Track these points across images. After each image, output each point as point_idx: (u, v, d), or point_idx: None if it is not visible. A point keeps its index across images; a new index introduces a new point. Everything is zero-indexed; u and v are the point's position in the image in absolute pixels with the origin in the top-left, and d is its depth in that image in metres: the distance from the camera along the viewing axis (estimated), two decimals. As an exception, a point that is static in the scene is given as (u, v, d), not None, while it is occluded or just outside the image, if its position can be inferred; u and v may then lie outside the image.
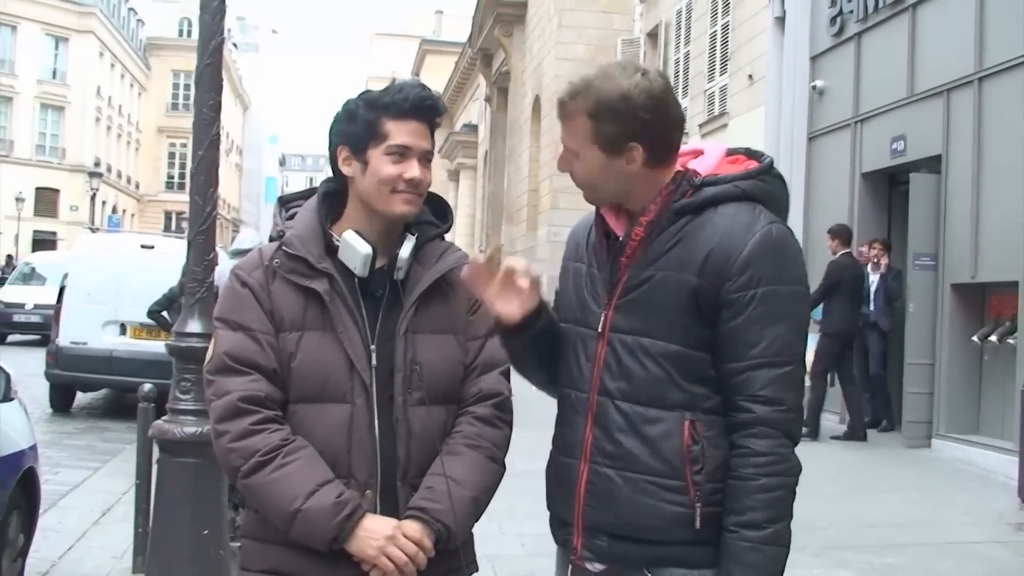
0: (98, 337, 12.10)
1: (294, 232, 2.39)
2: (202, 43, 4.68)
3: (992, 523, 7.58)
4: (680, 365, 2.22)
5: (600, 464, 2.27)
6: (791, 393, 2.21)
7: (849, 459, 10.09)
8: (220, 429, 2.29)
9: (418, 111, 2.37)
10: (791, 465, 2.21)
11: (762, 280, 2.18)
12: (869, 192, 12.47)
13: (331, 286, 2.34)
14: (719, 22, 17.23)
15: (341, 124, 2.42)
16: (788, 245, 2.24)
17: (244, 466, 2.26)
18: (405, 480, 2.35)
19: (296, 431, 2.31)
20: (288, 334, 2.33)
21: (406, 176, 2.35)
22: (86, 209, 47.16)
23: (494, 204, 32.45)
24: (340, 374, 2.32)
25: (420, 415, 2.36)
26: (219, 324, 2.38)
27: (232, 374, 2.31)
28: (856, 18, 12.40)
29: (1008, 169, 9.56)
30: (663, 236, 2.25)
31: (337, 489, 2.25)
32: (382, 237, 2.39)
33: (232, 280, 2.40)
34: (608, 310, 2.30)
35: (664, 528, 2.22)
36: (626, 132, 2.22)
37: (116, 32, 62.59)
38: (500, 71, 31.94)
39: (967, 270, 10.06)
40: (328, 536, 2.22)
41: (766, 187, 2.30)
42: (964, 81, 10.20)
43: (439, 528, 2.28)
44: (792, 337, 2.22)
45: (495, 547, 6.32)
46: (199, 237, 4.66)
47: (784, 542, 2.20)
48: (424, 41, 54.19)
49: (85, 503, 7.78)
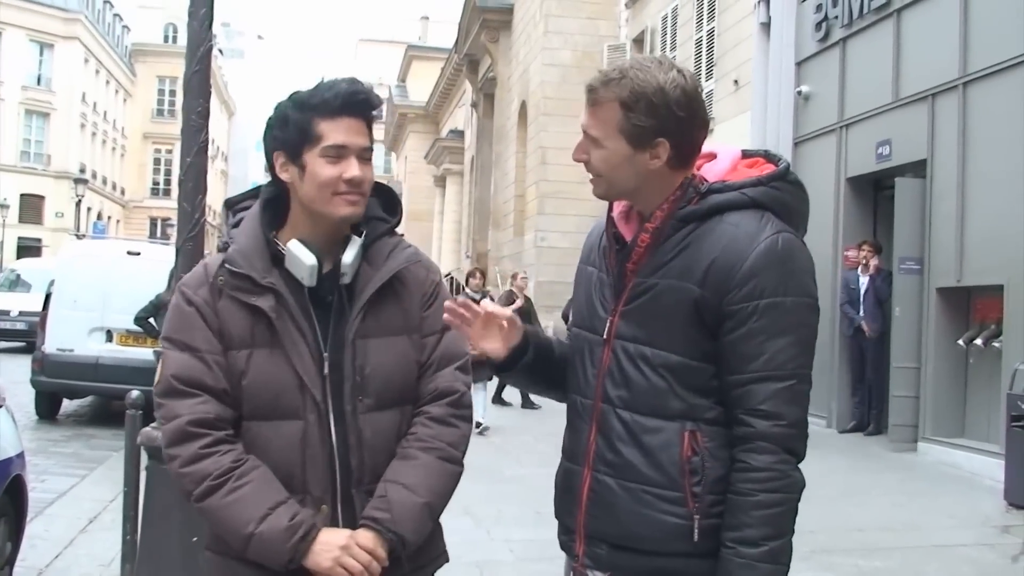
0: (84, 344, 12.04)
1: (236, 248, 2.33)
2: (190, 50, 4.67)
3: (978, 526, 7.61)
4: (681, 376, 2.18)
5: (601, 472, 2.25)
6: (793, 408, 2.15)
7: (836, 463, 10.11)
8: (171, 453, 2.27)
9: (350, 108, 2.29)
10: (791, 482, 2.15)
11: (765, 291, 2.12)
12: (854, 197, 12.52)
13: (277, 302, 2.29)
14: (704, 28, 17.29)
15: (274, 130, 2.35)
16: (794, 255, 2.18)
17: (196, 490, 2.24)
18: (360, 487, 2.33)
19: (250, 448, 2.28)
20: (237, 352, 2.30)
21: (345, 176, 2.28)
22: (71, 216, 46.97)
23: (480, 210, 32.45)
24: (291, 391, 2.29)
25: (371, 422, 2.33)
26: (166, 345, 2.34)
27: (180, 396, 2.27)
28: (841, 23, 12.45)
29: (993, 173, 9.62)
30: (668, 244, 2.21)
31: (290, 511, 2.23)
32: (328, 240, 2.34)
33: (178, 298, 2.36)
34: (614, 316, 2.27)
35: (662, 539, 2.19)
36: (656, 126, 2.17)
37: (101, 38, 62.41)
38: (486, 77, 31.97)
39: (952, 274, 10.11)
40: (283, 558, 2.21)
41: (777, 194, 2.23)
42: (949, 86, 10.25)
43: (391, 537, 2.26)
44: (796, 351, 2.16)
45: (484, 553, 6.32)
46: (188, 243, 4.64)
47: (782, 560, 2.14)
48: (410, 47, 54.20)
49: (72, 511, 7.74)
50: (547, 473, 2.56)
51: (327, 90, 2.30)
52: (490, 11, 29.34)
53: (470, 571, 5.95)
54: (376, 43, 76.67)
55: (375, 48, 76.01)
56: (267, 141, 2.37)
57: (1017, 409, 7.97)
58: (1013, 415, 8.00)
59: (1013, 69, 9.35)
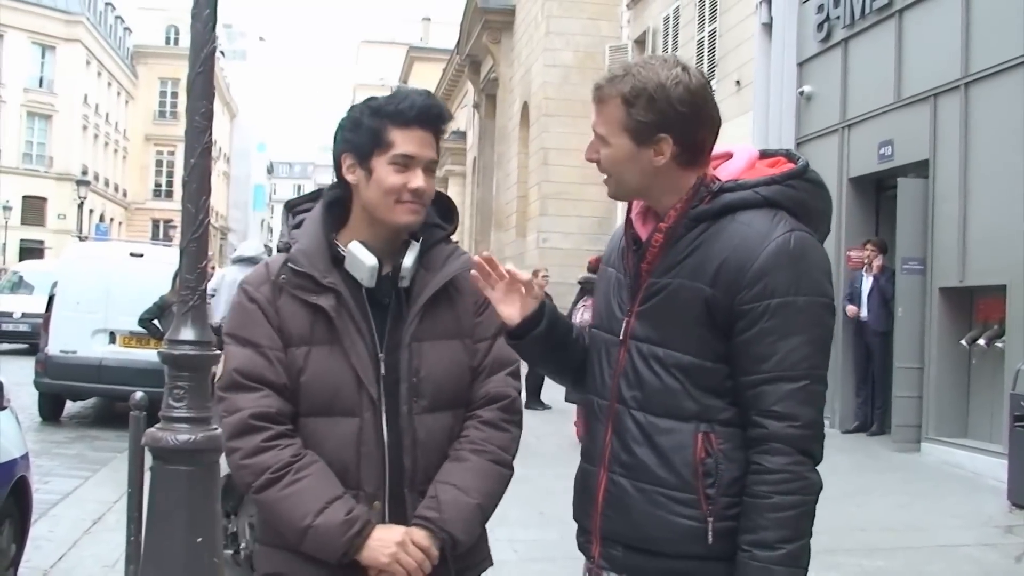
0: (87, 346, 12.06)
1: (299, 247, 2.39)
2: (194, 51, 4.67)
3: (981, 526, 7.60)
4: (694, 377, 2.17)
5: (616, 473, 2.26)
6: (807, 408, 2.12)
7: (839, 463, 10.10)
8: (232, 446, 2.32)
9: (423, 120, 2.36)
10: (807, 483, 2.13)
11: (776, 291, 2.10)
12: (857, 197, 12.52)
13: (337, 302, 2.35)
14: (706, 28, 17.29)
15: (346, 131, 2.41)
16: (808, 254, 2.15)
17: (256, 482, 2.29)
18: (412, 488, 2.37)
19: (307, 444, 2.34)
20: (296, 349, 2.35)
21: (410, 186, 2.34)
22: (73, 217, 47.03)
23: (483, 211, 32.48)
24: (348, 388, 2.34)
25: (426, 423, 2.38)
26: (229, 340, 2.40)
27: (243, 391, 2.33)
28: (843, 24, 12.45)
29: (995, 173, 9.62)
30: (681, 243, 2.21)
31: (347, 505, 2.27)
32: (387, 244, 2.40)
33: (240, 295, 2.42)
34: (630, 317, 2.28)
35: (676, 541, 2.17)
36: (657, 122, 2.17)
37: (103, 40, 62.42)
38: (488, 78, 31.99)
39: (955, 274, 10.11)
40: (338, 552, 2.26)
41: (793, 193, 2.22)
42: (951, 86, 10.25)
43: (444, 536, 2.31)
44: (810, 350, 2.13)
45: (487, 553, 6.32)
46: (192, 245, 4.64)
47: (800, 563, 2.12)
48: (412, 48, 54.29)
49: (76, 512, 7.75)
50: (552, 474, 2.57)
51: (403, 100, 2.36)
52: (492, 12, 29.36)
53: (474, 572, 5.94)
54: (378, 44, 76.79)
55: (377, 49, 76.13)
56: (337, 142, 2.43)
57: (1020, 409, 7.97)
58: (1016, 415, 8.00)
59: (1015, 69, 9.34)
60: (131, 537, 5.62)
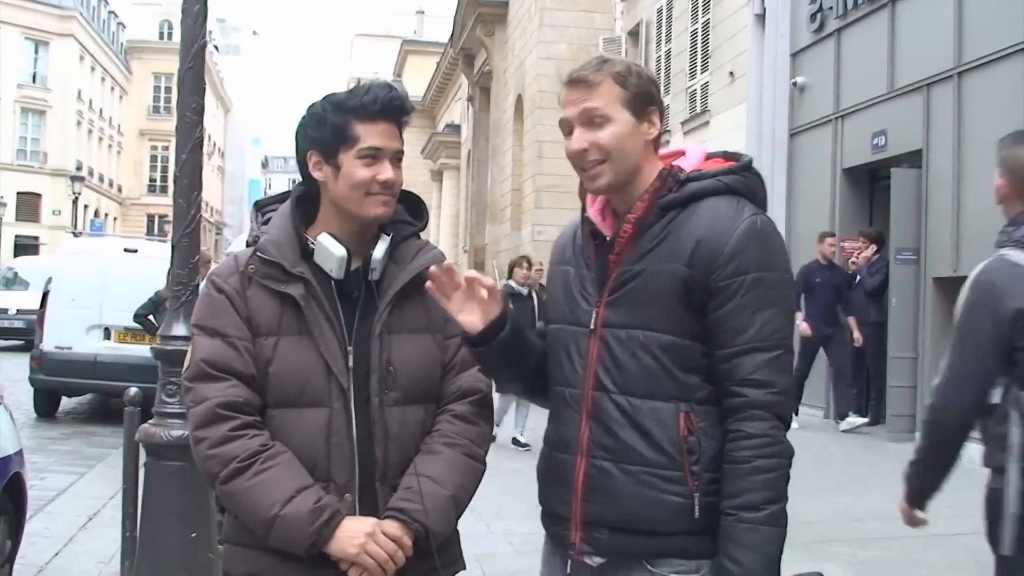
0: (82, 342, 12.07)
1: (268, 238, 2.39)
2: (184, 46, 4.68)
3: (976, 515, 7.48)
4: (675, 355, 2.25)
5: (598, 458, 2.29)
6: (782, 376, 2.25)
7: (834, 453, 10.13)
8: (198, 435, 2.29)
9: (387, 112, 2.37)
10: (785, 447, 2.24)
11: (750, 268, 2.23)
12: (850, 187, 12.54)
13: (306, 290, 2.34)
14: (699, 20, 17.28)
15: (308, 129, 2.41)
16: (773, 234, 2.30)
17: (222, 472, 2.25)
18: (384, 481, 2.36)
19: (275, 436, 2.31)
20: (265, 339, 2.34)
21: (379, 178, 2.35)
22: (68, 213, 46.89)
23: (478, 204, 32.44)
24: (318, 378, 2.32)
25: (397, 415, 2.37)
26: (196, 331, 2.38)
27: (210, 380, 2.30)
28: (836, 14, 12.46)
29: (988, 163, 9.51)
30: (651, 232, 2.30)
31: (315, 495, 2.25)
32: (356, 238, 2.39)
33: (208, 287, 2.40)
34: (599, 307, 2.33)
35: (665, 519, 2.24)
36: (647, 94, 2.35)
37: (96, 35, 62.30)
38: (482, 71, 31.94)
39: (949, 264, 10.12)
40: (306, 542, 2.22)
41: (746, 182, 2.36)
42: (944, 76, 10.27)
43: (417, 528, 2.29)
44: (780, 322, 2.27)
45: (483, 546, 6.34)
46: (184, 240, 4.65)
47: (781, 524, 2.22)
48: (406, 41, 54.09)
49: (72, 508, 7.77)
50: (547, 467, 2.57)
51: (365, 93, 2.37)
52: (485, 5, 29.30)
53: (470, 564, 5.90)
54: (372, 38, 76.55)
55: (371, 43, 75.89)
56: (300, 140, 2.43)
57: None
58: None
59: (1008, 58, 9.36)
60: (126, 533, 5.63)
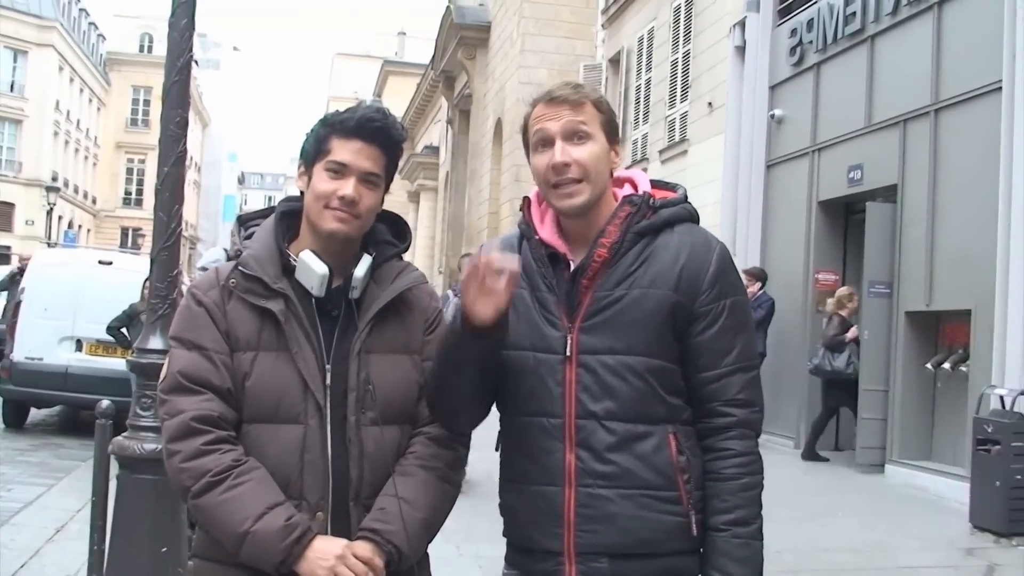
0: (54, 353, 11.98)
1: (250, 252, 2.38)
2: (170, 60, 4.69)
3: (944, 548, 7.67)
4: (662, 378, 2.29)
5: (590, 486, 2.27)
6: (760, 395, 2.37)
7: (804, 484, 10.16)
8: (172, 448, 2.28)
9: (363, 132, 2.37)
10: (761, 463, 2.34)
11: (728, 292, 2.33)
12: (826, 220, 12.62)
13: (286, 306, 2.34)
14: (680, 50, 17.39)
15: (305, 141, 2.45)
16: (731, 260, 2.42)
17: (195, 486, 2.24)
18: (357, 500, 2.34)
19: (249, 451, 2.29)
20: (243, 354, 2.33)
21: (339, 193, 2.34)
22: (42, 224, 46.58)
23: (455, 226, 32.45)
24: (294, 394, 2.31)
25: (373, 435, 2.36)
26: (174, 343, 2.38)
27: (185, 393, 2.29)
28: (815, 48, 12.57)
29: (963, 199, 9.73)
30: (627, 257, 2.32)
31: (287, 512, 2.23)
32: (338, 256, 2.39)
33: (188, 299, 2.40)
34: (573, 333, 2.30)
35: (666, 540, 2.28)
36: (616, 126, 2.44)
37: (76, 46, 61.97)
38: (462, 93, 32.01)
39: (921, 298, 10.20)
40: (276, 559, 2.21)
41: (693, 210, 2.45)
42: (921, 112, 10.37)
43: (390, 549, 2.28)
44: (753, 342, 2.39)
45: (452, 570, 6.31)
46: (163, 253, 4.63)
47: (761, 536, 2.32)
48: (387, 62, 54.18)
49: (38, 520, 7.69)
50: (520, 489, 2.56)
51: (348, 111, 2.40)
52: (468, 28, 29.41)
53: (439, 586, 5.93)
54: (353, 57, 76.72)
55: (352, 63, 76.02)
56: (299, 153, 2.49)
57: (983, 433, 8.06)
58: (979, 439, 8.09)
59: (984, 97, 9.46)
60: (94, 546, 5.58)
